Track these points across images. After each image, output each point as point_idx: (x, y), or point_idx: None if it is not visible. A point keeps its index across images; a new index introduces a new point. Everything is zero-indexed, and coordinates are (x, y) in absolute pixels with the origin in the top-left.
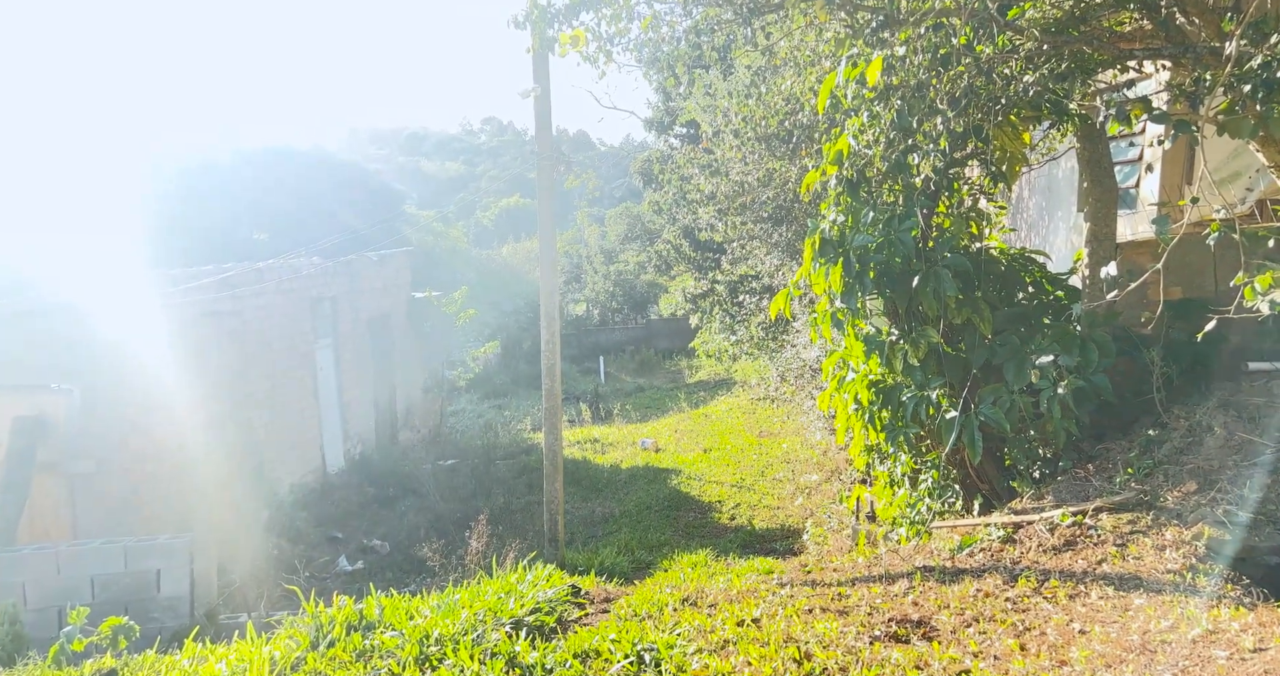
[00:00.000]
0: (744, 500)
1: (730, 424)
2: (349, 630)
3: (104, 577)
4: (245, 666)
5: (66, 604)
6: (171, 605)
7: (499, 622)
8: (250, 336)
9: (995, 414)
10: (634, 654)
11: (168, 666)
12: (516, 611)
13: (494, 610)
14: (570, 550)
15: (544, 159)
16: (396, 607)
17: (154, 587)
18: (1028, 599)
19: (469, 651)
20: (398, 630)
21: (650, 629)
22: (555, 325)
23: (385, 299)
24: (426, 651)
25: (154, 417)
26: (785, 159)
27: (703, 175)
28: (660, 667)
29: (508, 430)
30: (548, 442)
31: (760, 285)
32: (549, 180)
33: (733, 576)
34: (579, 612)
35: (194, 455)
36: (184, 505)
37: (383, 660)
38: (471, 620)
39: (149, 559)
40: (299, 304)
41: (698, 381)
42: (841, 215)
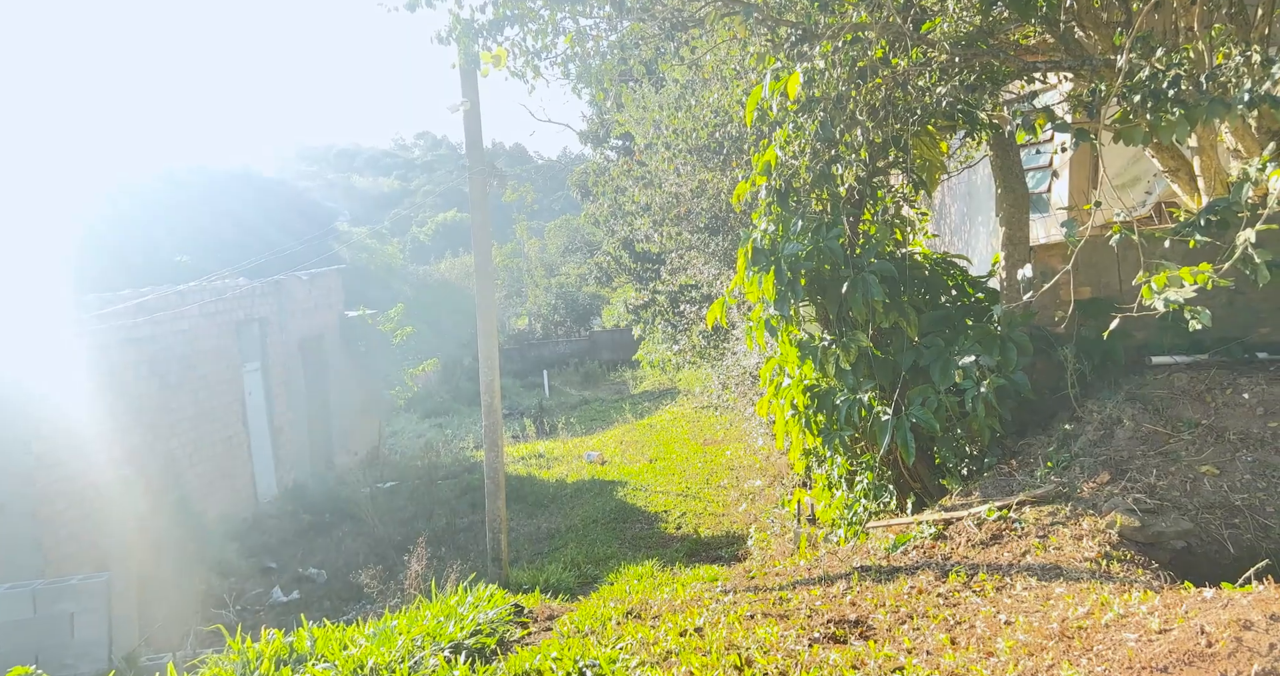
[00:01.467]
0: (690, 508)
1: (675, 433)
2: (278, 665)
3: (10, 624)
4: None
5: None
6: (87, 650)
7: (437, 647)
8: (171, 363)
9: (925, 414)
10: (576, 671)
11: None
12: (456, 635)
13: (432, 634)
14: (515, 568)
15: (476, 173)
16: (329, 638)
17: (67, 632)
18: (958, 593)
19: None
20: (330, 661)
21: (593, 644)
22: (493, 340)
23: (317, 319)
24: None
25: (65, 452)
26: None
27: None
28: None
29: (449, 449)
30: (489, 460)
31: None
32: (482, 194)
33: (677, 586)
34: (522, 632)
35: (110, 490)
36: (100, 543)
37: None
38: (409, 646)
39: (61, 601)
40: (224, 327)
41: (642, 392)
42: (772, 224)
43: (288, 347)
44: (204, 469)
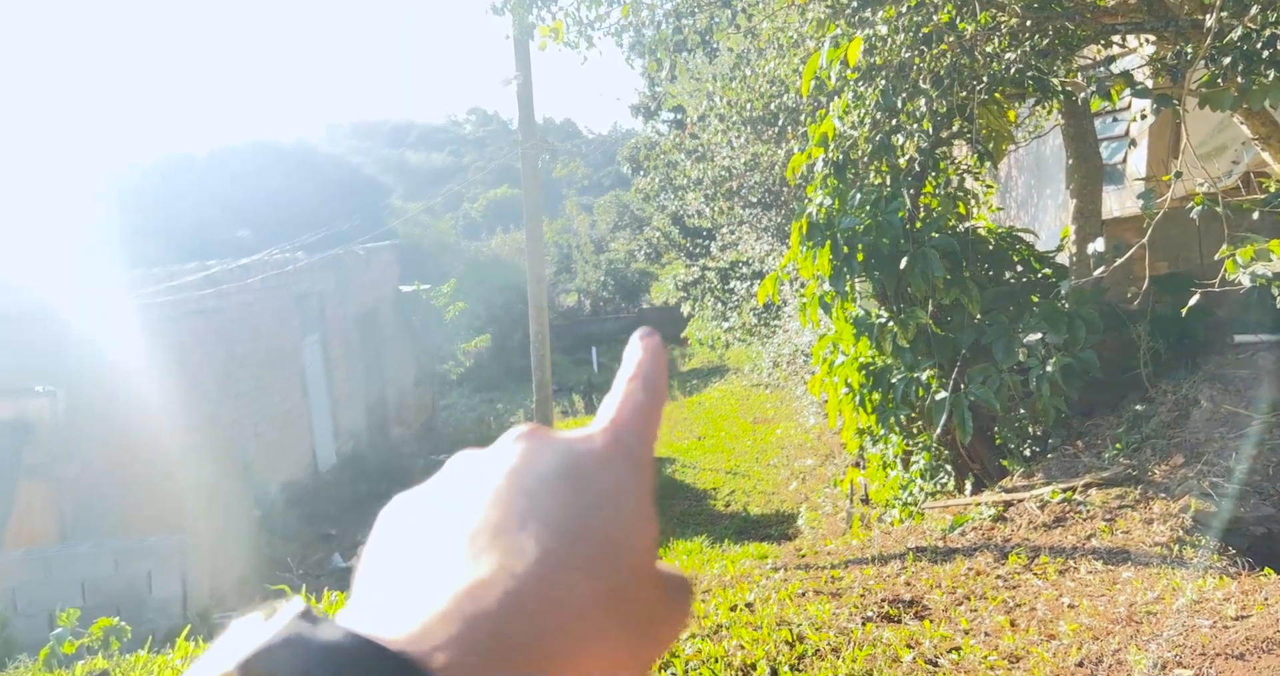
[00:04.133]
0: (739, 486)
1: (724, 411)
2: None
3: (94, 580)
4: None
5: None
6: (163, 606)
7: None
8: (235, 334)
9: (985, 393)
10: None
11: (160, 665)
12: None
13: None
14: None
15: (528, 148)
16: None
17: (145, 589)
18: (1018, 575)
19: None
20: None
21: None
22: (544, 316)
23: (373, 293)
24: None
25: (139, 419)
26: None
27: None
28: None
29: (500, 423)
30: None
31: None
32: (533, 169)
33: (727, 562)
34: None
35: (181, 455)
36: (173, 506)
37: None
38: None
39: (139, 560)
40: (285, 300)
41: (691, 369)
42: (828, 198)
43: (345, 321)
44: (267, 438)
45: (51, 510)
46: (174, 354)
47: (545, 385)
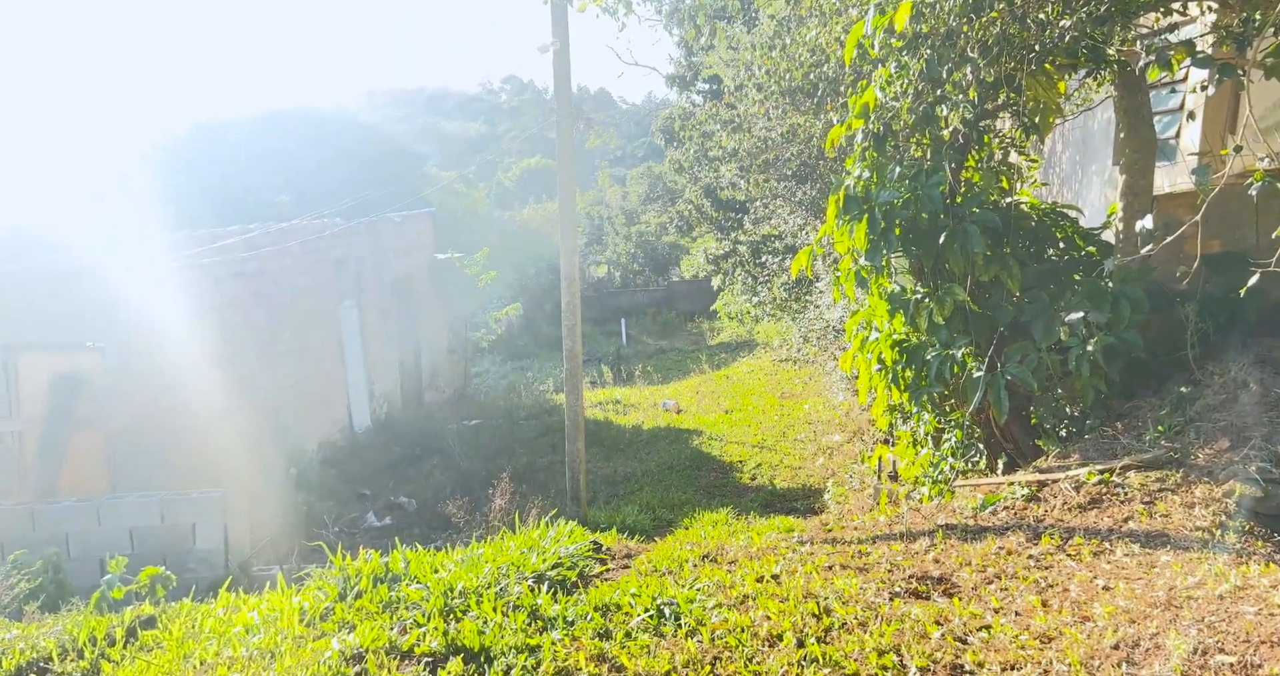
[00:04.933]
0: (765, 460)
1: (752, 385)
2: (375, 582)
3: (142, 530)
4: (277, 615)
5: (106, 554)
6: (206, 557)
7: (521, 576)
8: (276, 297)
9: (1022, 372)
10: (654, 608)
11: (203, 614)
12: (538, 566)
13: (517, 564)
14: (592, 508)
15: (563, 116)
16: (421, 561)
17: (190, 540)
18: (1051, 556)
19: (492, 603)
20: (422, 583)
21: (670, 584)
22: (575, 287)
23: (408, 260)
24: (450, 603)
25: (184, 376)
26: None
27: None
28: (680, 621)
29: (530, 391)
30: (569, 403)
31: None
32: (568, 138)
33: (753, 534)
34: (600, 568)
35: (223, 413)
36: (216, 461)
37: (408, 611)
38: (495, 574)
39: (184, 512)
40: (323, 265)
41: (719, 343)
42: (867, 171)
43: (381, 287)
44: (305, 399)
45: (101, 461)
46: (216, 314)
47: (575, 355)
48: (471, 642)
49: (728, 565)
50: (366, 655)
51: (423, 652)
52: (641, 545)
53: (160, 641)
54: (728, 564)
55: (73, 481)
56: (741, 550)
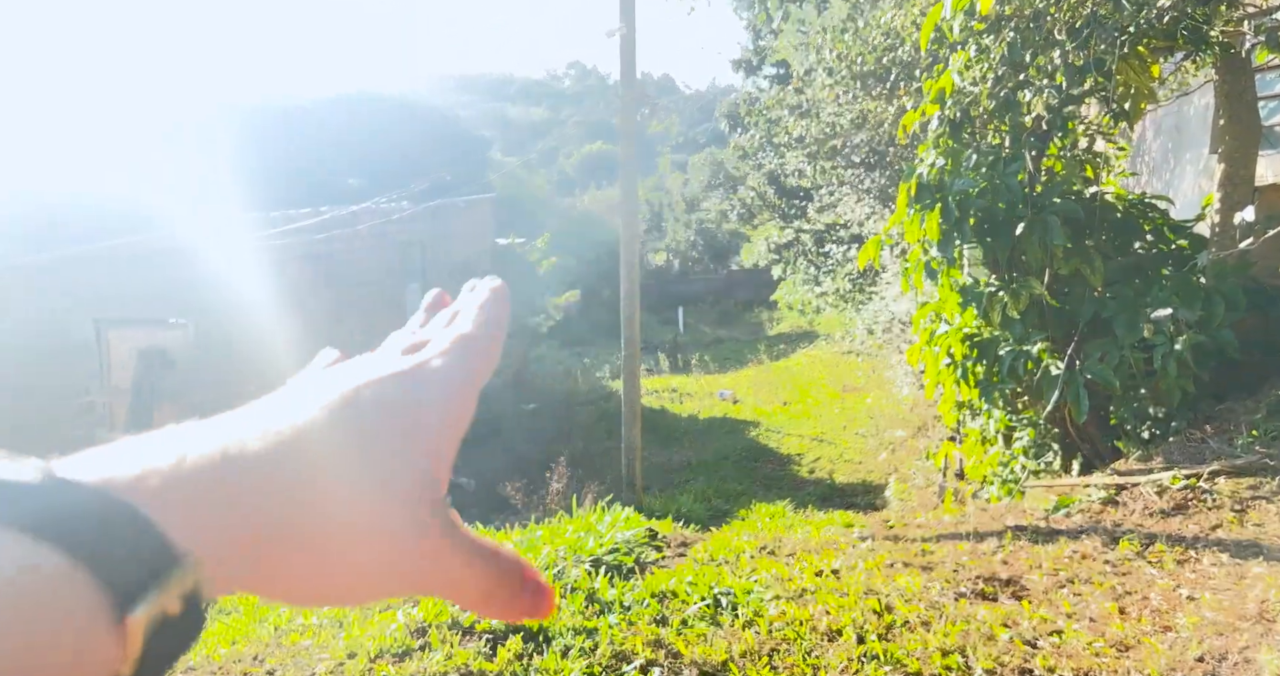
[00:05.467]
0: (824, 454)
1: (812, 377)
2: None
3: None
4: None
5: None
6: None
7: (579, 560)
8: (344, 278)
9: (1103, 371)
10: (711, 597)
11: None
12: (595, 550)
13: (574, 548)
14: (648, 495)
15: (627, 101)
16: None
17: None
18: (1129, 562)
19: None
20: None
21: (728, 574)
22: (635, 274)
23: (470, 245)
24: None
25: (256, 352)
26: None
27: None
28: (737, 611)
29: (587, 377)
30: (626, 390)
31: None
32: (631, 123)
33: (811, 528)
34: (656, 554)
35: None
36: None
37: None
38: (552, 556)
39: None
40: (389, 247)
41: (779, 333)
42: (941, 158)
43: (444, 270)
44: None
45: None
46: (289, 294)
47: (633, 342)
48: (529, 622)
49: (785, 558)
50: (429, 629)
51: (483, 629)
52: (697, 534)
53: (237, 605)
54: (785, 557)
55: None
56: (800, 543)
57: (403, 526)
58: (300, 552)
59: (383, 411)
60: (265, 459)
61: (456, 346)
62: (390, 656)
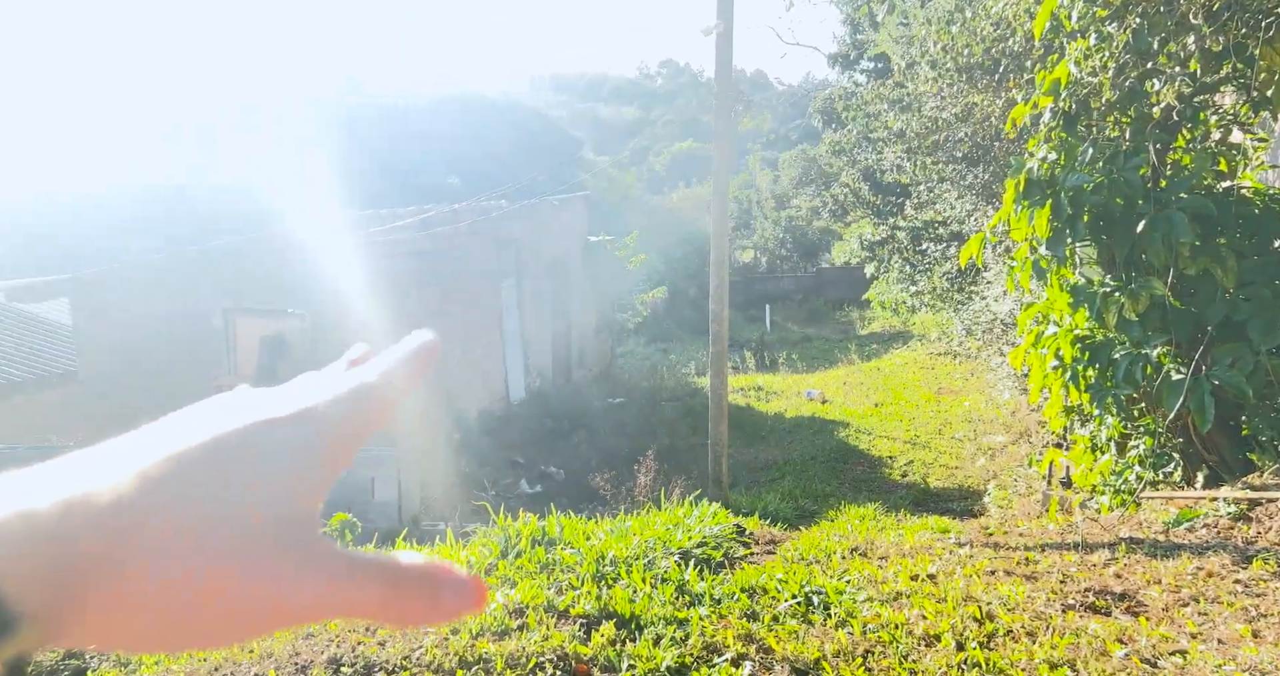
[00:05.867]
0: (917, 457)
1: (905, 378)
2: (533, 544)
3: None
4: None
5: None
6: (383, 509)
7: (668, 551)
8: (446, 274)
9: (1234, 377)
10: (802, 595)
11: None
12: (684, 543)
13: (663, 539)
14: (733, 492)
15: (723, 99)
16: (575, 528)
17: (369, 492)
18: (1264, 582)
19: (641, 574)
20: (576, 548)
21: (818, 573)
22: (725, 271)
23: (563, 242)
24: (602, 570)
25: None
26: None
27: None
28: (829, 611)
29: (673, 373)
30: (714, 386)
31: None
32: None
33: (905, 532)
34: (744, 551)
35: None
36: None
37: (563, 573)
38: (642, 546)
39: (364, 467)
40: (487, 245)
41: (870, 333)
42: (1053, 152)
43: (538, 267)
44: (468, 370)
45: None
46: (395, 288)
47: (721, 339)
48: (623, 609)
49: (878, 560)
50: (527, 610)
51: (577, 614)
52: (784, 533)
53: None
54: (878, 559)
55: None
56: (893, 546)
57: (263, 564)
58: (145, 603)
59: (247, 454)
60: (108, 511)
61: (349, 394)
62: (490, 634)
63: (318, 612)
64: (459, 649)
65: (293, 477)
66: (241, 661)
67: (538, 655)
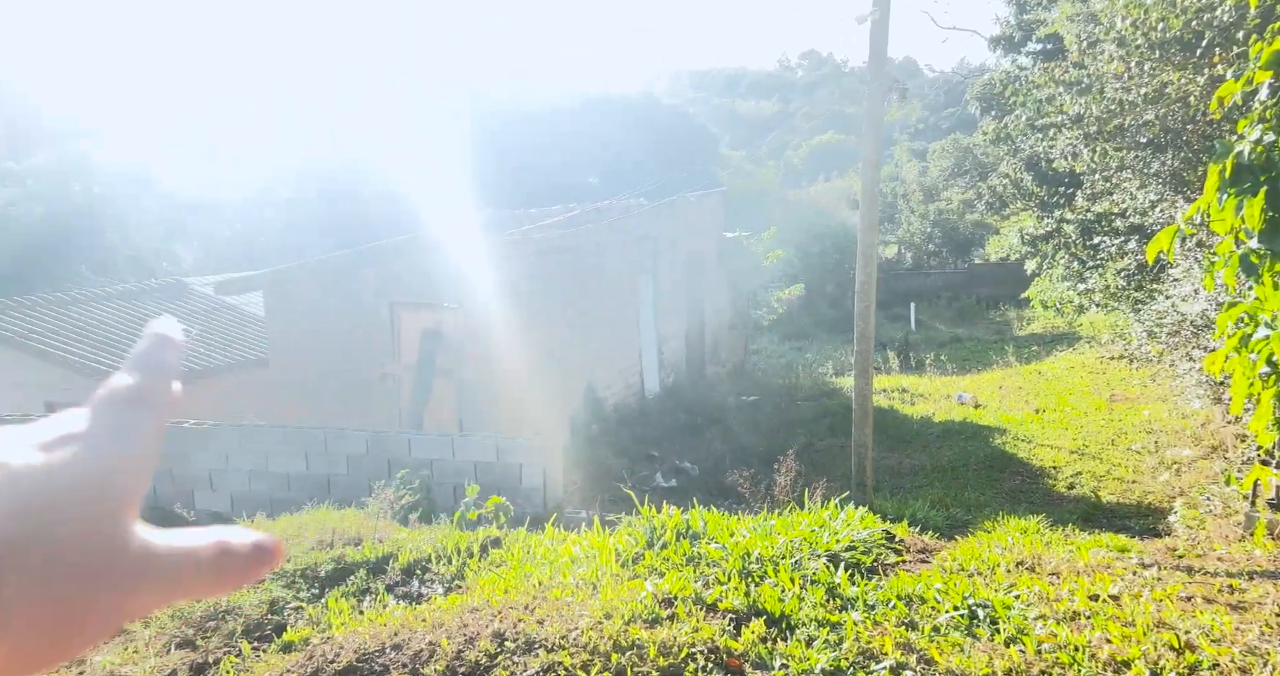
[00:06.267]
0: (1086, 469)
1: (1071, 383)
2: (678, 536)
3: (482, 464)
4: (596, 553)
5: (457, 481)
6: (529, 495)
7: (815, 553)
8: (587, 270)
9: None
10: (965, 607)
11: (535, 542)
12: (831, 545)
13: (808, 540)
14: (877, 497)
15: (876, 88)
16: (718, 523)
17: (517, 479)
18: None
19: (789, 574)
20: (720, 544)
21: (981, 585)
22: (872, 266)
23: (698, 238)
24: (748, 567)
25: (511, 336)
26: (1188, 69)
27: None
28: (996, 626)
29: (809, 372)
30: (858, 386)
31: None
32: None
33: (1077, 548)
34: (896, 558)
35: (542, 371)
36: (535, 413)
37: (709, 567)
38: (788, 546)
39: (513, 454)
40: (626, 242)
41: (1029, 334)
42: (1270, 133)
43: (674, 263)
44: (606, 363)
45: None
46: (540, 284)
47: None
48: (772, 607)
49: (1048, 576)
50: (675, 601)
51: (725, 608)
52: (936, 542)
53: (505, 560)
54: (1048, 575)
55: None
56: (1064, 563)
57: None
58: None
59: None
60: None
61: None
62: (641, 621)
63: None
64: (613, 633)
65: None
66: (417, 629)
67: (689, 646)
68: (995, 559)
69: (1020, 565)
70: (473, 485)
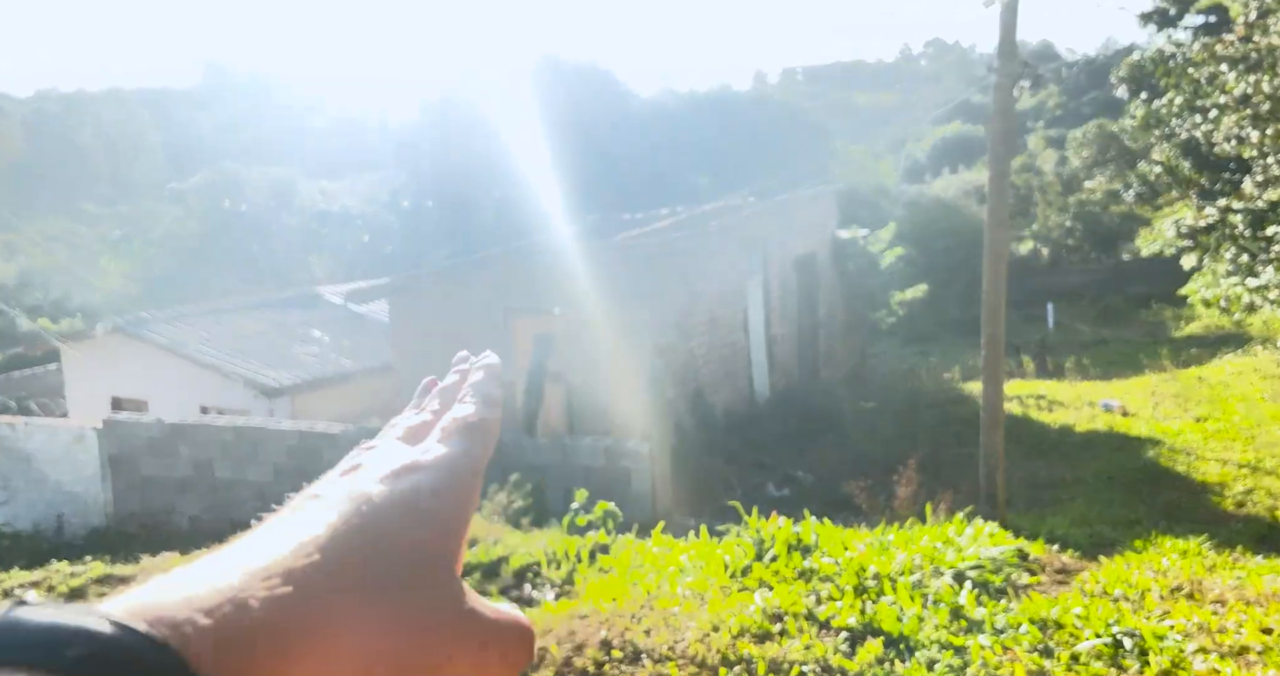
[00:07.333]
0: (1261, 485)
1: (1240, 390)
2: (789, 549)
3: (591, 469)
4: (703, 563)
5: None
6: (637, 500)
7: (937, 571)
8: (694, 273)
9: None
10: (1109, 635)
11: (642, 549)
12: (956, 563)
13: (930, 557)
14: (1010, 512)
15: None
16: (831, 536)
17: (625, 483)
18: None
19: (908, 592)
20: (833, 558)
21: (1128, 612)
22: (1002, 264)
23: (811, 238)
24: (864, 583)
25: (619, 340)
26: None
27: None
28: (1146, 657)
29: (933, 377)
30: (987, 393)
31: None
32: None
33: (1248, 574)
34: (1030, 578)
35: (649, 376)
36: (642, 419)
37: (821, 582)
38: (908, 563)
39: (622, 459)
40: (734, 243)
41: (1188, 336)
42: None
43: (784, 264)
44: (714, 368)
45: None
46: (648, 287)
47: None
48: (890, 627)
49: (1211, 605)
50: (785, 616)
51: (839, 626)
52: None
53: (612, 566)
54: (1210, 603)
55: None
56: (1232, 590)
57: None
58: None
59: (392, 510)
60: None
61: (457, 433)
62: (750, 636)
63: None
64: (720, 646)
65: (438, 525)
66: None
67: (800, 662)
68: (1146, 582)
69: (1177, 591)
70: (581, 490)
